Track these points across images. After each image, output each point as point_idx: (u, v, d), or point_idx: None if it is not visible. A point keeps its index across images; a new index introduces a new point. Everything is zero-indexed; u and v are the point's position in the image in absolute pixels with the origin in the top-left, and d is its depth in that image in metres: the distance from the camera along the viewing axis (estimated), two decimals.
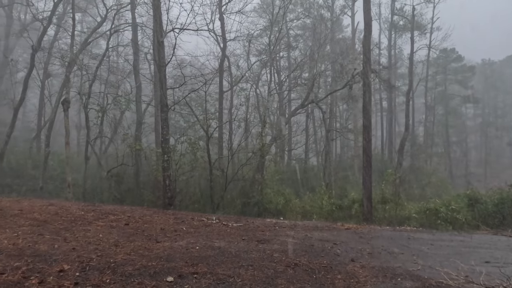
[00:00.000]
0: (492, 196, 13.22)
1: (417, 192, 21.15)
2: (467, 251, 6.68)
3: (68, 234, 5.90)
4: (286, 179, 22.58)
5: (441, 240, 7.77)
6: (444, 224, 11.97)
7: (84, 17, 28.13)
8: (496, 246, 7.27)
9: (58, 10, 19.97)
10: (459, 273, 4.68)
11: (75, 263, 4.27)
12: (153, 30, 16.89)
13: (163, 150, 13.05)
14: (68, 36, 20.98)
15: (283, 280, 4.23)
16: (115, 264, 4.36)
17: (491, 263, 5.56)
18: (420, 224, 12.22)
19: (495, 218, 12.13)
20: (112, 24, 20.67)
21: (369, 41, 15.02)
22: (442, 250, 6.59)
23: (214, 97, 21.68)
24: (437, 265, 5.25)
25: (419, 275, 4.70)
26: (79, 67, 18.72)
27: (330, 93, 24.37)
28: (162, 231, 6.92)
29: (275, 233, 7.51)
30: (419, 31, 31.57)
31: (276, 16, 21.52)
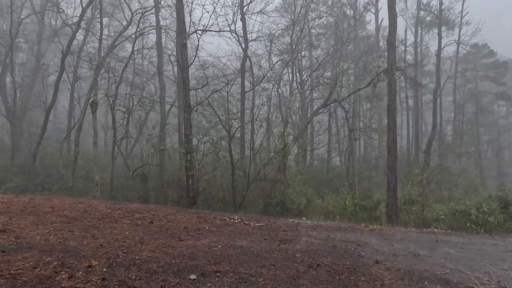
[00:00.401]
0: None
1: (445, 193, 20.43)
2: (499, 255, 6.37)
3: (96, 231, 6.10)
4: (308, 179, 22.39)
5: (471, 243, 7.45)
6: (475, 226, 11.50)
7: (110, 21, 29.06)
8: None
9: (86, 16, 20.73)
10: (490, 278, 4.48)
11: (103, 259, 4.40)
12: (177, 32, 17.21)
13: (186, 150, 13.26)
14: (96, 40, 21.77)
15: (305, 280, 4.19)
16: (140, 261, 4.47)
17: None
18: (448, 227, 11.79)
19: None
20: (137, 28, 21.25)
21: (394, 38, 14.65)
22: (472, 254, 6.32)
23: (236, 97, 21.82)
24: (467, 269, 5.04)
25: (447, 279, 4.52)
26: (106, 70, 19.34)
27: (353, 92, 23.96)
28: (185, 229, 7.02)
29: (297, 233, 7.46)
30: (447, 27, 30.46)
31: (298, 15, 21.38)
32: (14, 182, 16.90)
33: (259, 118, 17.99)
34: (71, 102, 24.02)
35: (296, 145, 21.24)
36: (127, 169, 17.83)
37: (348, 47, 25.27)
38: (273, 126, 18.93)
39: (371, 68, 20.51)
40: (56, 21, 26.89)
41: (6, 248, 4.52)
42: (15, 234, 5.27)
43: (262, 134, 18.51)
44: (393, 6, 14.48)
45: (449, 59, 34.81)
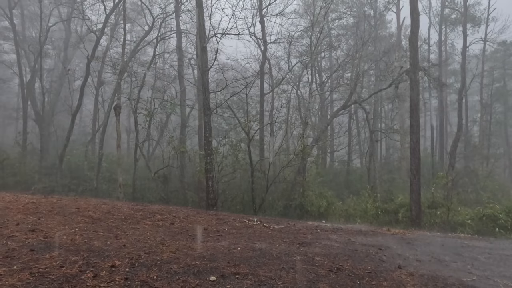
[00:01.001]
0: None
1: (472, 197, 19.68)
2: None
3: (119, 231, 6.26)
4: (328, 181, 22.13)
5: (500, 249, 7.16)
6: (504, 232, 11.04)
7: (133, 27, 29.81)
8: None
9: (110, 22, 21.36)
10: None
11: (125, 259, 4.52)
12: (197, 36, 17.47)
13: (206, 152, 13.40)
14: (119, 45, 22.39)
15: (325, 284, 4.15)
16: (162, 261, 4.55)
17: None
18: (475, 231, 11.37)
19: None
20: (158, 32, 21.71)
21: (416, 37, 14.31)
22: (500, 260, 6.07)
23: (255, 99, 21.87)
24: (495, 276, 4.85)
25: (474, 286, 4.37)
26: (129, 74, 19.84)
27: (374, 93, 23.53)
28: (205, 231, 7.10)
29: (317, 236, 7.39)
30: (473, 24, 29.41)
31: (317, 16, 21.23)
32: (42, 183, 17.58)
33: (278, 120, 17.98)
34: (95, 106, 24.79)
35: (315, 147, 21.05)
36: (149, 171, 18.20)
37: (369, 47, 24.85)
38: (293, 128, 18.84)
39: (393, 69, 20.10)
40: (81, 28, 27.88)
41: (35, 247, 4.71)
42: (43, 233, 5.49)
43: (282, 136, 18.48)
44: (415, 4, 14.15)
45: (475, 58, 33.57)
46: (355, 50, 21.71)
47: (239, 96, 18.59)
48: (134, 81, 20.33)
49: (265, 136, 19.14)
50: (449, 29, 31.63)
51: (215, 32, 16.06)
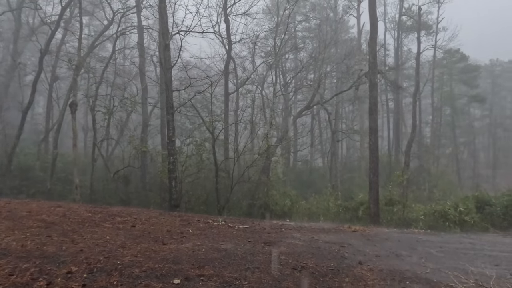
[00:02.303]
0: (501, 198, 13.05)
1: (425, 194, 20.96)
2: (476, 254, 6.58)
3: (75, 235, 5.93)
4: (292, 180, 22.53)
5: (449, 243, 7.67)
6: (453, 226, 11.85)
7: (91, 20, 28.42)
8: (506, 249, 7.16)
9: (65, 14, 20.18)
10: (468, 277, 4.61)
11: (83, 264, 4.28)
12: (159, 33, 17.01)
13: (169, 152, 13.10)
14: (75, 39, 21.20)
15: (289, 283, 4.20)
16: (122, 266, 4.37)
17: (501, 266, 5.47)
18: (428, 226, 12.10)
19: (505, 220, 11.98)
20: (118, 27, 20.85)
21: (375, 41, 14.95)
22: (451, 253, 6.50)
23: (220, 99, 21.73)
24: (446, 268, 5.18)
25: (428, 279, 4.63)
26: (86, 70, 18.90)
27: (335, 94, 24.29)
28: (168, 233, 6.93)
29: (282, 235, 7.48)
30: (426, 31, 31.33)
31: (282, 17, 21.51)
32: None
33: (243, 120, 17.98)
34: (49, 103, 23.32)
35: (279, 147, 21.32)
36: (108, 172, 17.46)
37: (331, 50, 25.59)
38: (257, 128, 18.93)
39: (353, 71, 20.86)
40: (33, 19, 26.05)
41: None
42: None
43: (246, 136, 18.51)
44: (374, 10, 14.78)
45: (427, 63, 35.84)
46: (318, 52, 22.27)
47: (204, 95, 18.35)
48: (91, 77, 19.41)
49: (230, 136, 19.07)
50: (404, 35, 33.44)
51: (179, 29, 15.75)
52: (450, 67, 39.16)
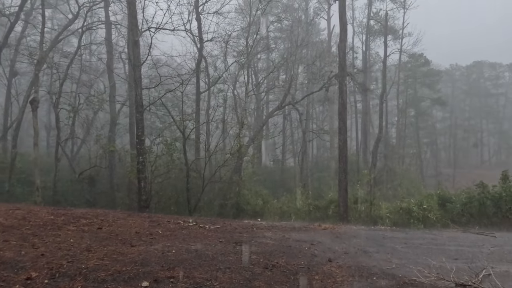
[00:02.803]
0: (460, 196, 13.79)
1: (390, 192, 21.76)
2: (438, 248, 6.91)
3: (36, 239, 5.62)
4: (264, 180, 22.63)
5: (413, 239, 8.00)
6: (416, 223, 12.38)
7: (54, 13, 27.07)
8: (464, 243, 7.58)
9: (26, 6, 19.09)
10: (431, 271, 4.82)
11: (44, 270, 4.07)
12: (128, 29, 16.51)
13: (138, 152, 12.75)
14: (37, 33, 20.11)
15: (261, 282, 4.21)
16: (87, 270, 4.19)
17: (460, 260, 5.78)
18: (393, 223, 12.57)
19: (464, 216, 12.66)
20: (84, 22, 20.00)
21: (344, 44, 15.33)
22: (414, 249, 6.78)
23: (191, 98, 21.44)
24: (410, 263, 5.39)
25: (393, 274, 4.80)
26: (49, 65, 18.01)
27: (306, 95, 24.69)
28: (137, 234, 6.73)
29: (253, 234, 7.49)
30: (393, 36, 32.57)
31: (254, 17, 21.55)
32: None
33: (214, 119, 17.83)
34: (7, 99, 21.96)
35: (251, 147, 21.37)
36: (73, 172, 16.74)
37: (302, 51, 25.98)
38: (229, 128, 18.86)
39: (323, 73, 21.28)
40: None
41: None
42: None
43: (218, 135, 18.38)
44: (343, 14, 15.16)
45: (393, 66, 37.30)
46: (290, 53, 22.53)
47: (174, 94, 18.04)
48: (55, 73, 18.50)
49: (201, 135, 18.87)
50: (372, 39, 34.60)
51: (149, 26, 15.37)
52: (414, 70, 40.99)
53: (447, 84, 54.71)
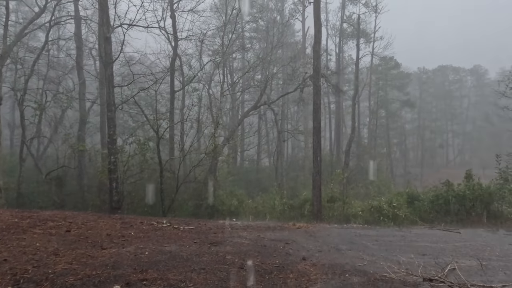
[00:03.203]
0: (427, 194, 14.37)
1: (362, 191, 22.33)
2: (407, 245, 7.18)
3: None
4: (239, 180, 22.62)
5: (384, 236, 8.26)
6: (387, 220, 12.77)
7: (19, 6, 25.78)
8: (431, 240, 7.91)
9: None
10: (400, 267, 5.00)
11: (7, 276, 3.86)
12: (99, 25, 16.00)
13: (109, 151, 12.39)
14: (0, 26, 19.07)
15: (236, 282, 4.20)
16: (54, 275, 4.02)
17: (427, 256, 6.03)
18: (365, 221, 12.91)
19: (431, 213, 13.20)
20: (52, 16, 19.15)
21: (319, 46, 15.56)
22: (385, 245, 7.01)
23: (165, 96, 21.07)
24: (381, 260, 5.56)
25: (365, 270, 4.94)
26: (13, 60, 17.13)
27: (282, 95, 24.89)
28: (108, 237, 6.53)
29: (228, 234, 7.46)
30: (365, 39, 33.46)
31: (230, 17, 21.47)
32: None
33: (189, 118, 17.60)
34: None
35: (226, 146, 21.27)
36: (39, 173, 16.01)
37: (278, 52, 26.16)
38: (204, 127, 18.68)
39: (298, 74, 21.53)
40: None
41: None
42: None
43: (193, 135, 18.16)
44: (318, 16, 15.39)
45: (365, 69, 38.38)
46: (265, 54, 22.62)
47: (148, 93, 17.65)
48: (20, 69, 17.61)
49: (175, 135, 18.57)
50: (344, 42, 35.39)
51: (121, 22, 14.94)
52: (385, 73, 42.38)
53: (415, 86, 56.96)
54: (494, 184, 13.19)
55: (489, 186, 12.94)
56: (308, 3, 27.17)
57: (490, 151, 35.13)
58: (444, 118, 63.28)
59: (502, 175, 13.43)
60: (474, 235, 8.52)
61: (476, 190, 12.65)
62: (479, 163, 34.21)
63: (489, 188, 12.80)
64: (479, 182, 13.03)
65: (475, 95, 65.04)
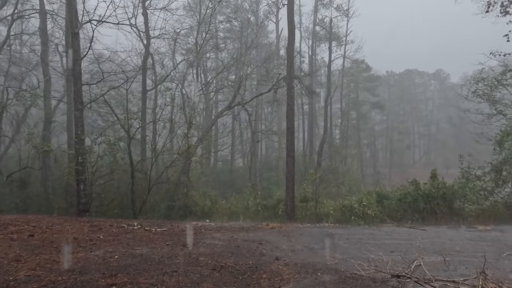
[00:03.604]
0: (395, 193, 14.90)
1: (334, 191, 22.82)
2: (376, 243, 7.40)
3: None
4: (212, 180, 22.46)
5: (355, 234, 8.48)
6: (357, 219, 13.12)
7: None
8: (399, 237, 8.20)
9: None
10: (369, 264, 5.15)
11: None
12: (66, 20, 15.36)
13: (77, 152, 11.91)
14: None
15: (209, 284, 4.16)
16: (16, 282, 3.82)
17: (395, 253, 6.24)
18: (337, 220, 13.19)
19: (398, 212, 13.70)
20: (15, 9, 18.19)
21: (292, 48, 15.75)
22: (355, 244, 7.19)
23: (137, 96, 20.57)
24: (351, 258, 5.70)
25: (336, 269, 5.04)
26: None
27: (255, 96, 24.97)
28: (75, 241, 6.28)
29: (201, 236, 7.39)
30: (337, 42, 34.24)
31: (204, 16, 21.28)
32: None
33: (162, 118, 17.26)
34: None
35: (200, 147, 21.05)
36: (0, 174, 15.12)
37: (252, 52, 26.22)
38: (177, 127, 18.38)
39: (272, 75, 21.68)
40: None
41: None
42: None
43: (165, 135, 17.83)
44: (292, 18, 15.56)
45: (337, 71, 39.29)
46: (239, 54, 22.60)
47: (118, 91, 17.15)
48: None
49: (147, 136, 18.15)
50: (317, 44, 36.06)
51: (90, 18, 14.41)
52: (357, 76, 43.59)
53: (384, 89, 59.04)
54: (457, 183, 13.89)
55: (452, 185, 13.61)
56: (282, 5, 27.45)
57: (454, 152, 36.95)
58: (411, 120, 66.02)
59: (464, 175, 14.17)
60: (438, 232, 8.91)
61: (441, 189, 13.27)
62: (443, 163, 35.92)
63: (452, 187, 13.46)
64: (443, 182, 13.67)
65: (438, 98, 68.32)
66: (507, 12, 14.64)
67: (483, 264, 4.28)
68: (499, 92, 16.56)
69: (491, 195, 13.57)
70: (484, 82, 16.59)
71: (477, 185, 13.74)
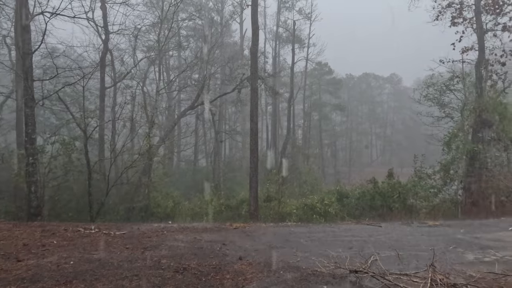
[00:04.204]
0: (354, 191, 15.53)
1: (296, 190, 23.28)
2: (336, 240, 7.66)
3: None
4: (175, 181, 22.04)
5: (316, 232, 8.72)
6: (319, 217, 13.51)
7: None
8: (357, 234, 8.55)
9: None
10: (329, 261, 5.32)
11: None
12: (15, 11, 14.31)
13: (27, 152, 11.16)
14: None
15: (171, 286, 4.09)
16: None
17: (353, 249, 6.51)
18: (299, 219, 13.49)
19: (357, 209, 14.30)
20: None
21: (256, 48, 15.84)
22: (317, 241, 7.39)
23: (95, 93, 19.69)
24: (313, 255, 5.86)
25: (298, 266, 5.16)
26: None
27: (219, 95, 24.85)
28: (25, 247, 5.89)
29: (163, 238, 7.23)
30: (299, 45, 35.00)
31: (166, 13, 20.80)
32: None
33: (121, 117, 16.63)
34: None
35: (162, 147, 20.56)
36: None
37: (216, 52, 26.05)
38: (138, 126, 17.82)
39: (236, 75, 21.70)
40: None
41: None
42: None
43: (125, 134, 17.21)
44: (256, 19, 15.66)
45: (300, 73, 40.16)
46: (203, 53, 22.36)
47: (74, 88, 16.29)
48: None
49: (105, 135, 17.42)
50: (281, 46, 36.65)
51: (43, 10, 13.54)
52: (319, 78, 44.83)
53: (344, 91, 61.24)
54: (410, 182, 14.75)
55: (406, 184, 14.44)
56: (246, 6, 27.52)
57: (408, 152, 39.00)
58: (368, 122, 69.06)
59: (417, 173, 15.10)
60: (393, 228, 9.40)
61: (396, 187, 14.03)
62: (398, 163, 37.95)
63: (406, 185, 14.28)
64: (398, 180, 14.46)
65: (393, 101, 72.09)
66: (454, 23, 15.84)
67: (432, 257, 4.59)
68: (447, 97, 17.79)
69: (440, 192, 14.57)
70: (434, 87, 17.75)
71: (428, 183, 14.69)
